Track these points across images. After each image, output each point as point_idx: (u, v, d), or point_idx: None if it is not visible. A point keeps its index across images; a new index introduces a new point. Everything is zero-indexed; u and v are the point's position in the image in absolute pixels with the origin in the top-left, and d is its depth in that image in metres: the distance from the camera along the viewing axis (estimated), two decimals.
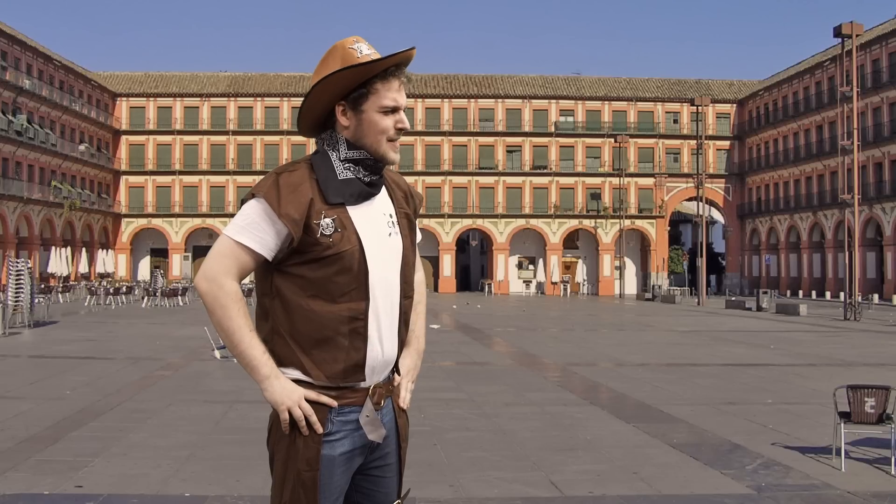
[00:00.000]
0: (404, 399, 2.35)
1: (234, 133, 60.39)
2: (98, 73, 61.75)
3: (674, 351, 17.38)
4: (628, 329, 24.18)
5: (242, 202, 2.21)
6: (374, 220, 2.25)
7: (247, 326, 2.16)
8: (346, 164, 2.24)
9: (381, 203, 2.30)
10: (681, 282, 61.54)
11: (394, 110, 2.22)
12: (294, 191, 2.16)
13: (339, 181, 2.22)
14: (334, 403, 2.17)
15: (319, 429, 2.15)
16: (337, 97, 2.21)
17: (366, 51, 2.19)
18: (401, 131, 2.25)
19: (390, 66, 2.20)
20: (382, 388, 2.25)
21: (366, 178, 2.25)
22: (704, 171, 48.28)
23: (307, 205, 2.15)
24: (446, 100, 61.07)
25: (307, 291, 2.17)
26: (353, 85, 2.19)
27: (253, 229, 2.15)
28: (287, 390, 2.15)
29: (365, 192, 2.24)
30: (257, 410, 9.08)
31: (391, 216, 2.30)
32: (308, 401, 2.15)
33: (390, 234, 2.28)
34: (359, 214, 2.22)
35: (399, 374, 2.36)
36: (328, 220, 2.16)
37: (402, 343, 2.33)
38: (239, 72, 63.89)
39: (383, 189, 2.32)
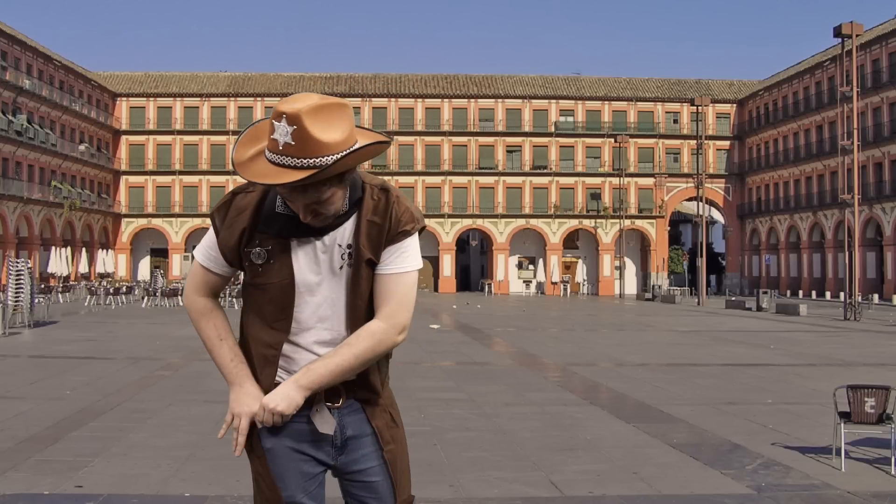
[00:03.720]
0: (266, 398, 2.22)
1: (234, 133, 60.23)
2: (98, 73, 61.73)
3: (674, 351, 17.38)
4: (628, 329, 24.17)
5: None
6: (319, 254, 2.19)
7: (217, 336, 2.29)
8: (280, 208, 2.19)
9: (341, 234, 2.19)
10: (681, 282, 61.52)
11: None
12: (238, 215, 2.20)
13: (274, 213, 2.18)
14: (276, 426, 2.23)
15: (237, 452, 2.26)
16: None
17: (278, 134, 2.00)
18: (317, 214, 2.12)
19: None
20: (339, 386, 2.24)
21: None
22: (704, 171, 48.28)
23: (240, 232, 2.19)
24: (446, 100, 61.05)
25: (252, 312, 2.28)
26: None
27: (210, 250, 2.27)
28: (237, 401, 2.25)
29: (298, 230, 2.16)
30: None
31: (349, 247, 2.20)
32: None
33: (341, 266, 2.20)
34: (301, 247, 2.19)
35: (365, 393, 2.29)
36: (259, 250, 2.19)
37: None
38: (239, 72, 63.92)
39: (352, 220, 2.20)
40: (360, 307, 2.22)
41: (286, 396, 2.18)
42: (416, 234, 2.25)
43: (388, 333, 2.20)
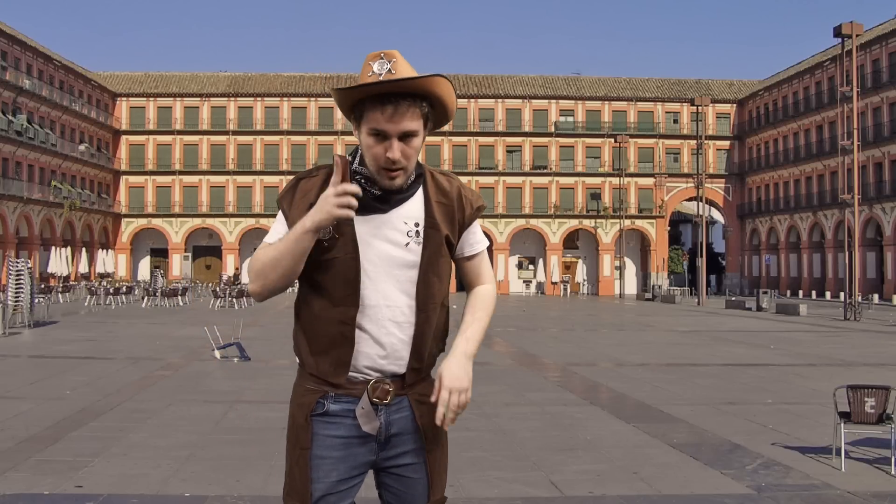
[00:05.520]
0: (438, 416, 2.23)
1: (234, 133, 60.36)
2: (98, 73, 61.73)
3: (674, 351, 17.38)
4: (628, 329, 24.17)
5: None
6: (384, 230, 2.24)
7: (270, 249, 2.19)
8: (357, 176, 2.24)
9: (407, 211, 2.27)
10: (681, 282, 61.53)
11: (384, 136, 2.16)
12: (304, 196, 2.25)
13: None
14: (356, 189, 2.10)
15: (353, 187, 2.10)
16: (348, 113, 2.26)
17: (377, 70, 2.15)
18: (393, 163, 2.17)
19: (381, 92, 2.14)
20: (389, 385, 2.26)
21: (375, 191, 2.24)
22: (704, 171, 48.27)
23: (307, 210, 2.20)
24: None
25: (315, 292, 2.27)
26: (348, 104, 2.22)
27: (279, 235, 2.27)
28: (319, 209, 2.11)
29: (364, 206, 2.19)
30: (257, 410, 9.09)
31: (416, 225, 2.27)
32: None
33: (407, 244, 2.25)
34: (365, 223, 2.23)
35: (441, 383, 2.25)
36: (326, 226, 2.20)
37: (420, 352, 2.29)
38: (239, 72, 63.86)
39: (418, 196, 2.29)
40: (435, 283, 2.28)
41: (468, 374, 2.26)
42: None
43: (495, 297, 2.47)
